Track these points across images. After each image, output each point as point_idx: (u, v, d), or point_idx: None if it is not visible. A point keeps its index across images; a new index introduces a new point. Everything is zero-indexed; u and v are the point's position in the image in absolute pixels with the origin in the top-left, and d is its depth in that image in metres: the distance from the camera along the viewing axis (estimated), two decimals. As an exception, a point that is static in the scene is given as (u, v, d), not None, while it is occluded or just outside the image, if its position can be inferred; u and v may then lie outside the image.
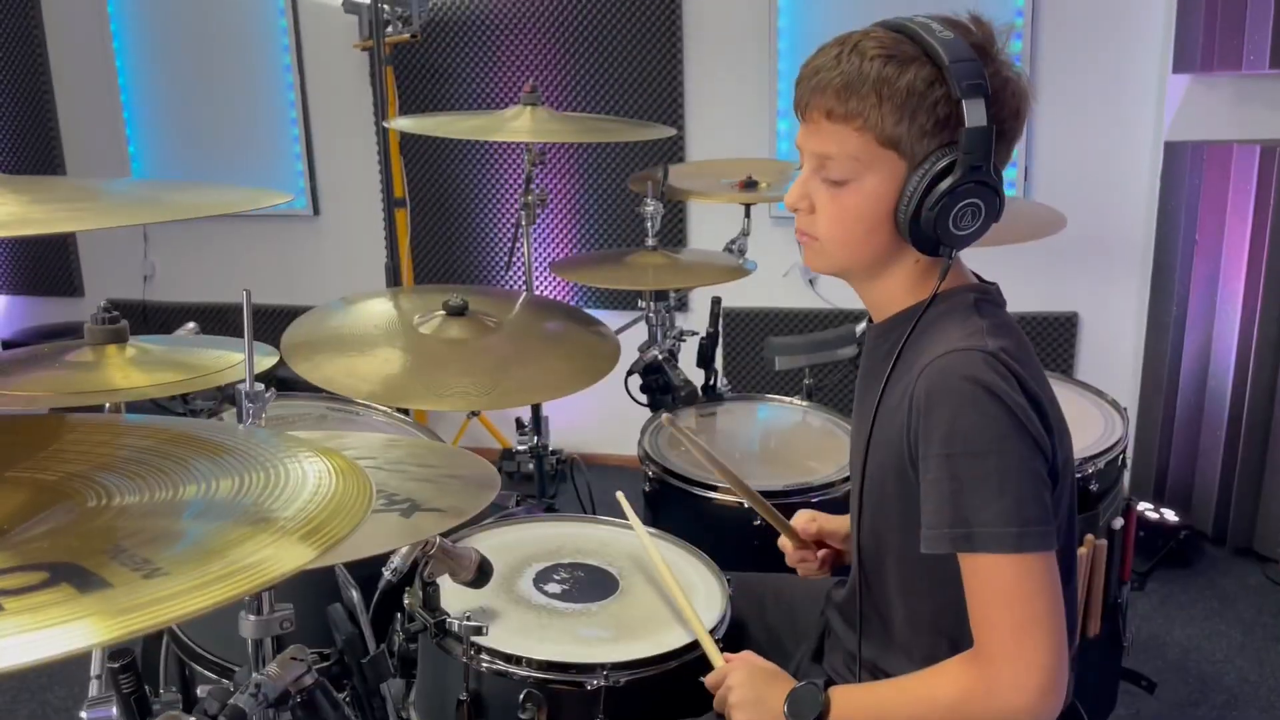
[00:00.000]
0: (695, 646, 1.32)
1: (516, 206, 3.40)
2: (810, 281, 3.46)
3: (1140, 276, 3.22)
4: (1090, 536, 1.79)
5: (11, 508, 0.70)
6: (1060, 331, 3.32)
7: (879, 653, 1.25)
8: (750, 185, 2.35)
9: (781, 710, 1.15)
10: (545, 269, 3.62)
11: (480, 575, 1.31)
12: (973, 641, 1.07)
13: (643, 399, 2.23)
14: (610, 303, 3.55)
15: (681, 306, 3.42)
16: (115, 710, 1.00)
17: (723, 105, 3.43)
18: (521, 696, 1.25)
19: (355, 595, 1.19)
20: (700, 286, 2.91)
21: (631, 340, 2.13)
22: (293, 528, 0.59)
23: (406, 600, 1.37)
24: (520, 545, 1.58)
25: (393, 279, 3.26)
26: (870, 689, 1.20)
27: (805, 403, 2.21)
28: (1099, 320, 3.33)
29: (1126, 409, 2.08)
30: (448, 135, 2.36)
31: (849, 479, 1.83)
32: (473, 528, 1.60)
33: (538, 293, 3.42)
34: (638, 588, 1.48)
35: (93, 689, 1.10)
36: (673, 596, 1.40)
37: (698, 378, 2.22)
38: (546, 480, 2.74)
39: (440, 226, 3.75)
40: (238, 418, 0.96)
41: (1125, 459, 1.99)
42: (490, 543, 1.57)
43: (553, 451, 2.64)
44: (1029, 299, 3.24)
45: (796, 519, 1.50)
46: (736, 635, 1.43)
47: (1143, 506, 2.89)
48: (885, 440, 1.15)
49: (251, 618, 1.01)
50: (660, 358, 2.18)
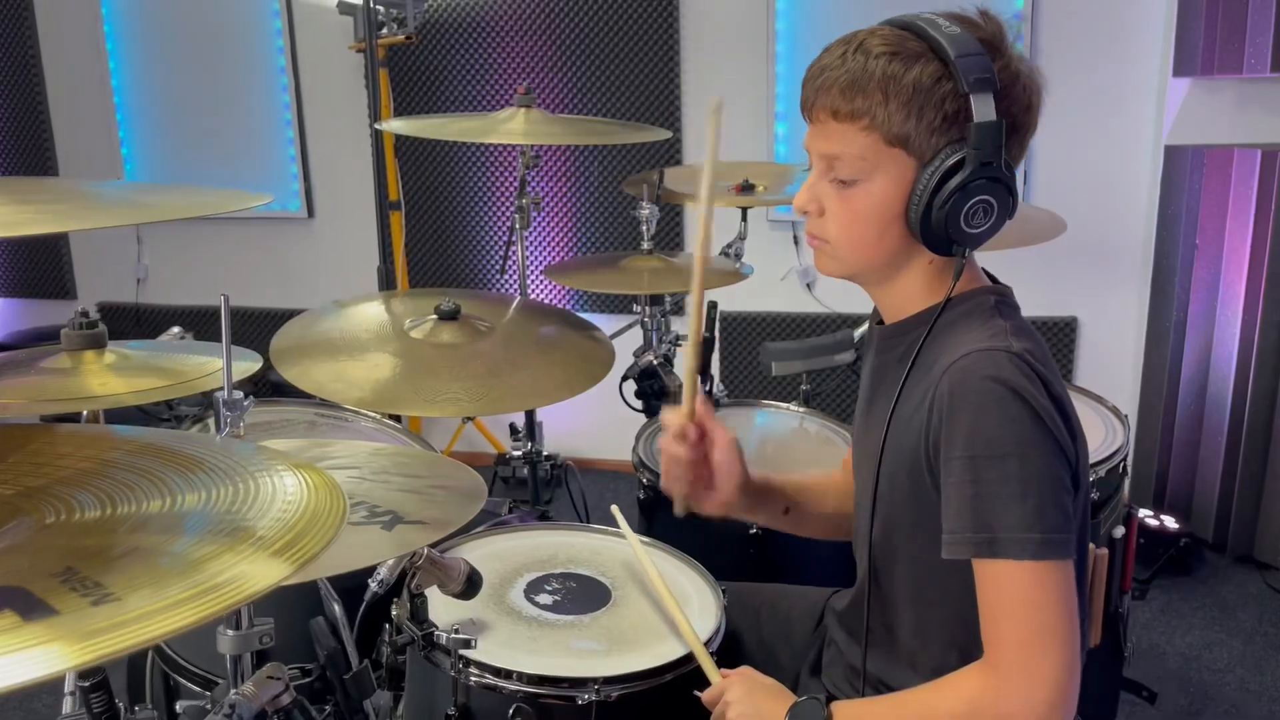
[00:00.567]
0: (690, 660, 1.29)
1: (511, 209, 3.38)
2: (808, 285, 3.44)
3: (1140, 281, 3.20)
4: (1091, 545, 1.76)
5: (-38, 524, 0.65)
6: (1060, 336, 3.29)
7: (883, 665, 1.22)
8: (747, 188, 2.33)
9: None
10: (539, 272, 3.59)
11: (469, 586, 1.28)
12: (982, 653, 1.04)
13: (638, 405, 2.20)
14: (605, 306, 3.52)
15: (677, 310, 3.39)
16: (88, 728, 0.97)
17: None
18: (511, 711, 1.22)
19: (338, 609, 1.16)
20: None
21: (626, 345, 2.10)
22: (258, 547, 0.56)
23: (394, 611, 1.34)
24: (511, 554, 1.55)
25: (386, 282, 3.23)
26: (874, 702, 1.17)
27: (802, 409, 2.18)
28: (1098, 325, 3.31)
29: (1127, 416, 2.05)
30: (441, 137, 2.34)
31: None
32: (462, 537, 1.57)
33: (532, 296, 3.39)
34: (631, 598, 1.44)
35: (66, 705, 1.07)
36: (667, 608, 1.37)
37: (693, 383, 2.19)
38: (540, 486, 2.71)
39: (434, 229, 3.73)
40: (216, 426, 0.93)
41: (1126, 467, 1.96)
42: (481, 552, 1.54)
43: (547, 457, 2.61)
44: (1028, 303, 3.14)
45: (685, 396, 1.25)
46: (731, 647, 1.40)
47: (1142, 513, 2.87)
48: (901, 443, 1.12)
49: (230, 633, 0.97)
50: (656, 363, 2.15)
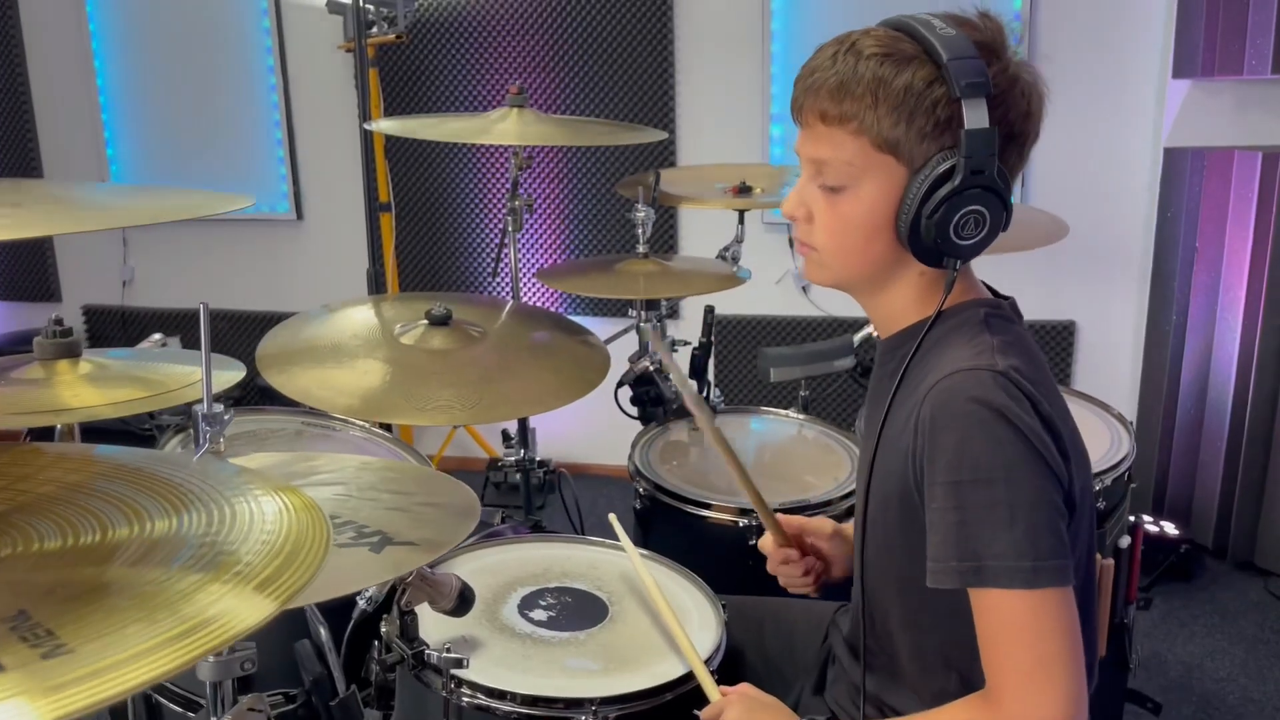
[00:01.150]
0: (690, 678, 1.24)
1: (503, 211, 3.33)
2: (804, 288, 3.40)
3: (1139, 285, 3.17)
4: (1097, 556, 1.72)
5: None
6: (1058, 341, 3.26)
7: (884, 688, 1.18)
8: (744, 191, 2.28)
9: None
10: (532, 276, 3.54)
11: (461, 603, 1.23)
12: (984, 678, 1.00)
13: (633, 412, 2.16)
14: (599, 309, 3.48)
15: (672, 314, 3.35)
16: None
17: (715, 108, 3.36)
18: (505, 733, 1.18)
19: (324, 633, 1.11)
20: (693, 295, 2.84)
21: (621, 350, 2.05)
22: (235, 582, 0.51)
23: (383, 628, 1.29)
24: (504, 568, 1.51)
25: (376, 286, 3.19)
26: None
27: (801, 415, 2.14)
28: (1097, 329, 3.27)
29: (1132, 423, 2.01)
30: (432, 138, 2.28)
31: (848, 495, 1.78)
32: (454, 549, 1.52)
33: (524, 300, 3.34)
34: (628, 614, 1.40)
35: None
36: (666, 624, 1.33)
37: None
38: (533, 493, 2.67)
39: (425, 231, 3.68)
40: (194, 441, 0.89)
41: (1132, 475, 1.93)
42: (473, 565, 1.50)
43: (540, 463, 2.57)
44: (1025, 307, 3.15)
45: (779, 518, 1.39)
46: (732, 663, 1.36)
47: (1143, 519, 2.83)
48: (889, 465, 1.08)
49: (210, 658, 0.93)
50: (652, 369, 2.11)
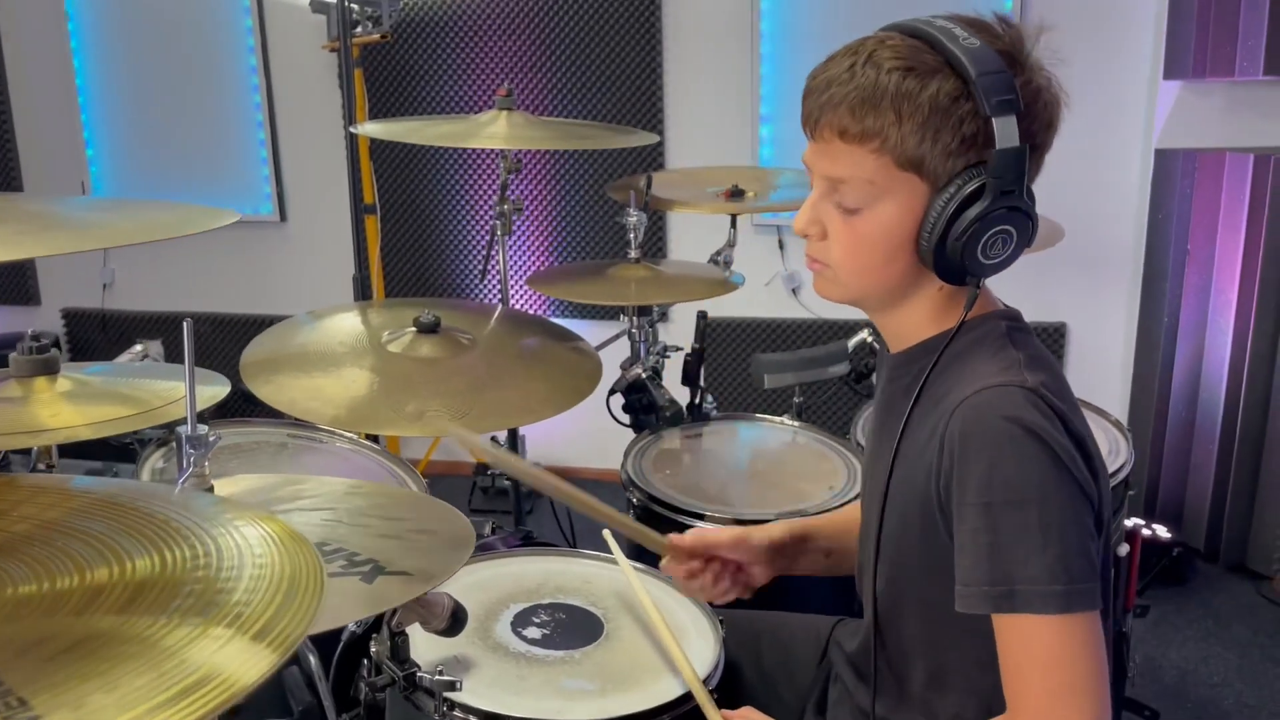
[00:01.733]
0: (689, 699, 1.21)
1: (491, 215, 3.29)
2: (793, 291, 3.37)
3: (1130, 287, 3.16)
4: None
5: None
6: (1048, 343, 3.25)
7: (894, 709, 1.15)
8: (736, 194, 2.26)
9: None
10: (522, 281, 3.51)
11: (454, 624, 1.19)
12: (1004, 701, 0.97)
13: (625, 419, 2.13)
14: (589, 314, 3.44)
15: (663, 318, 3.32)
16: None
17: (704, 111, 3.33)
18: (499, 757, 1.15)
19: (314, 661, 1.08)
20: (685, 301, 2.81)
21: (613, 357, 2.02)
22: (226, 635, 0.48)
23: (373, 648, 1.26)
24: (496, 583, 1.47)
25: (362, 291, 3.14)
26: None
27: (795, 423, 2.11)
28: (1088, 332, 3.26)
29: (1130, 430, 1.99)
30: (419, 141, 2.26)
31: (845, 504, 1.75)
32: (445, 565, 1.49)
33: (514, 305, 3.31)
34: (624, 630, 1.37)
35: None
36: (664, 643, 1.30)
37: (683, 396, 2.12)
38: (522, 500, 2.64)
39: (412, 235, 3.64)
40: (178, 465, 0.85)
41: (1129, 482, 1.91)
42: (464, 581, 1.46)
43: (529, 468, 2.54)
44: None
45: (670, 538, 1.29)
46: (730, 680, 1.33)
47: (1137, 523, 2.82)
48: (908, 483, 1.05)
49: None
50: (644, 376, 2.07)
